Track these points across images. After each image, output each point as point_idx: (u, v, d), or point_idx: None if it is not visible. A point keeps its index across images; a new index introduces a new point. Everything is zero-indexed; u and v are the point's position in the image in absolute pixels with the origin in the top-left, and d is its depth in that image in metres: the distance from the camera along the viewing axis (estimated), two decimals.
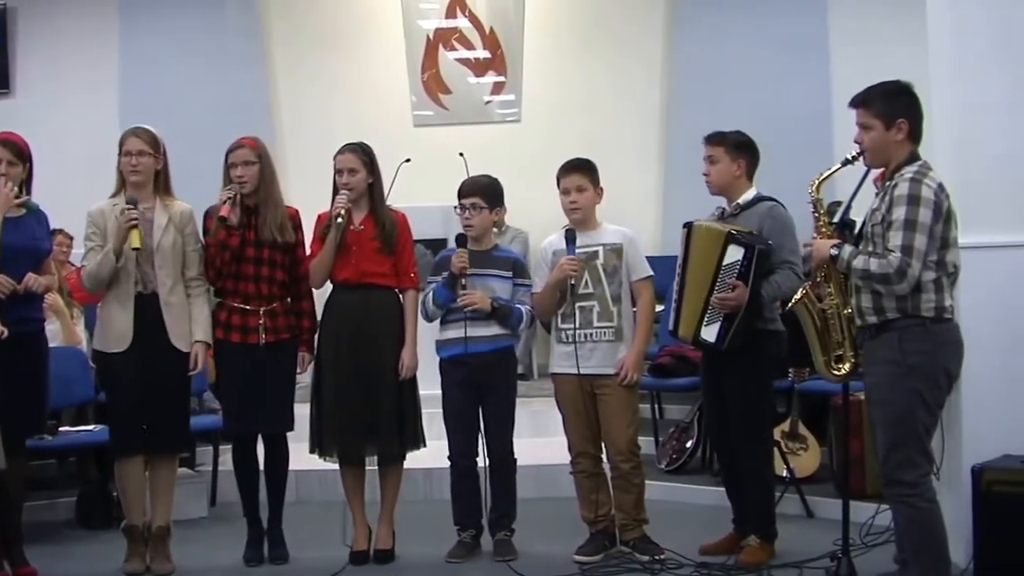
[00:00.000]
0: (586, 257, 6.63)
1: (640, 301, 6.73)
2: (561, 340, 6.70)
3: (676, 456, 8.52)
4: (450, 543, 6.84)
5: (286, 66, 12.99)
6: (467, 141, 10.94)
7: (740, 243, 6.19)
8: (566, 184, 6.71)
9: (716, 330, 6.29)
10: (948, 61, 6.45)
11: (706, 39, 12.33)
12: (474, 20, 13.01)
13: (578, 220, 6.69)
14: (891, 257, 5.14)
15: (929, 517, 5.32)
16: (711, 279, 6.27)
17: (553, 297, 6.67)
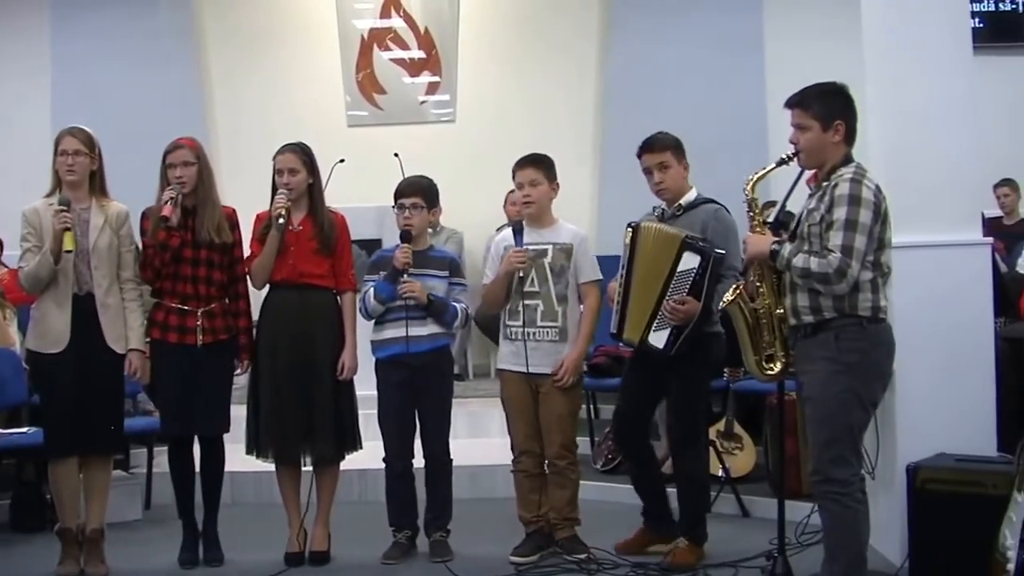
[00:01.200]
0: (535, 255, 6.63)
1: (586, 303, 6.72)
2: (508, 337, 6.72)
3: (612, 456, 8.53)
4: (385, 544, 6.83)
5: (220, 66, 12.94)
6: (402, 141, 10.94)
7: (696, 250, 6.18)
8: (520, 178, 6.72)
9: (665, 337, 6.28)
10: (883, 62, 6.51)
11: (641, 39, 12.38)
12: (409, 20, 13.01)
13: (531, 215, 6.70)
14: (831, 257, 5.17)
15: (855, 517, 5.36)
16: (663, 285, 6.26)
17: (503, 289, 6.67)
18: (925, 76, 6.37)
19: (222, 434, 6.78)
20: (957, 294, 6.31)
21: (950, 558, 5.79)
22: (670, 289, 6.23)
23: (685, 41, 12.28)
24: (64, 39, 12.37)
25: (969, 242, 6.41)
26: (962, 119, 6.40)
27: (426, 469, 6.87)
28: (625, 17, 12.53)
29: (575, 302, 6.71)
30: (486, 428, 7.51)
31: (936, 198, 6.31)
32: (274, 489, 6.91)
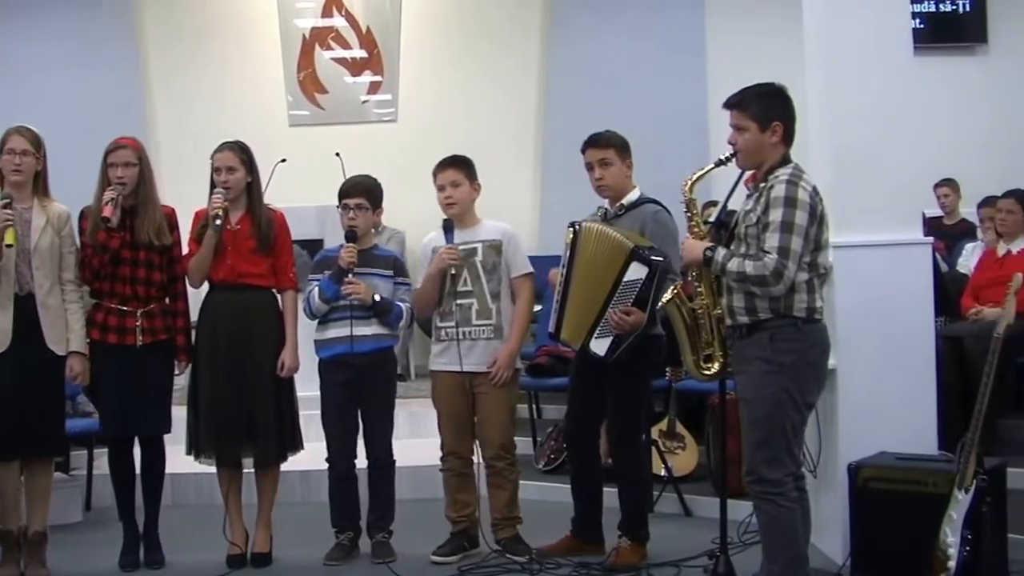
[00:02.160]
0: (465, 254, 6.62)
1: (519, 299, 6.72)
2: (440, 338, 6.70)
3: (554, 456, 8.52)
4: (328, 545, 6.80)
5: (161, 66, 12.86)
6: (343, 141, 10.89)
7: (644, 261, 6.13)
8: (441, 180, 6.70)
9: (606, 345, 6.26)
10: (824, 63, 6.55)
11: (582, 38, 12.44)
12: (351, 19, 12.98)
13: (455, 215, 6.68)
14: (767, 259, 5.18)
15: (790, 517, 5.37)
16: (608, 293, 6.22)
17: (434, 290, 6.66)
18: (866, 76, 6.41)
19: (162, 435, 6.74)
20: (898, 294, 6.35)
21: (892, 556, 5.82)
22: (615, 298, 6.19)
23: (627, 40, 12.34)
24: (5, 40, 12.30)
25: (910, 242, 6.46)
26: (903, 119, 6.44)
27: (369, 470, 6.85)
28: (567, 17, 12.58)
29: (508, 299, 6.71)
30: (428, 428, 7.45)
31: (877, 198, 6.35)
32: (215, 490, 6.87)
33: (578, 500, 6.79)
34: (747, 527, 6.49)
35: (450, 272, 6.58)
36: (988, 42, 13.36)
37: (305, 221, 9.10)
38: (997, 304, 7.09)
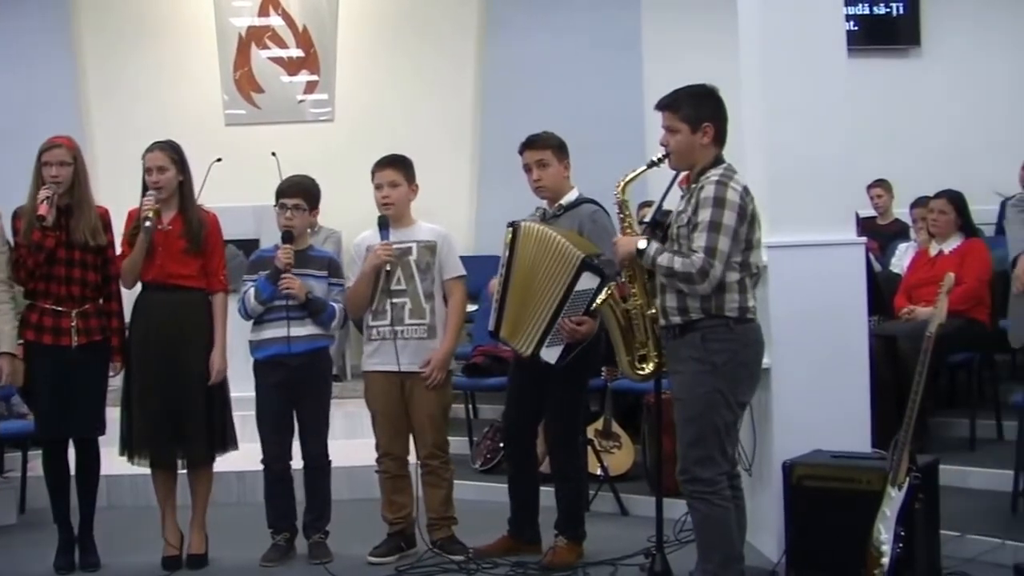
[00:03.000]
0: (399, 253, 6.62)
1: (451, 300, 6.72)
2: (372, 337, 6.69)
3: (490, 456, 8.53)
4: (264, 546, 6.78)
5: (96, 64, 12.76)
6: (280, 140, 10.88)
7: (595, 271, 6.12)
8: (379, 179, 6.70)
9: (557, 353, 6.26)
10: (759, 64, 6.58)
11: (519, 38, 12.46)
12: (287, 18, 12.92)
13: (391, 215, 6.67)
14: (694, 257, 5.21)
15: (724, 515, 5.40)
16: (560, 301, 6.21)
17: (368, 288, 6.65)
18: (800, 77, 6.45)
19: (97, 436, 6.68)
20: (832, 293, 6.40)
21: (826, 553, 5.85)
22: (566, 308, 6.19)
23: (563, 39, 12.38)
24: None
25: (843, 242, 6.51)
26: (837, 120, 6.49)
27: (305, 470, 6.84)
28: (503, 16, 12.60)
29: (442, 300, 6.72)
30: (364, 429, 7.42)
31: (811, 198, 6.39)
32: (151, 492, 6.83)
33: (515, 500, 6.80)
34: (683, 526, 6.51)
35: (384, 269, 6.57)
36: (921, 45, 13.48)
37: (241, 221, 9.07)
38: (930, 303, 7.15)
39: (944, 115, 12.92)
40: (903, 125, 12.79)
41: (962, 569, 6.02)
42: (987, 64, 13.00)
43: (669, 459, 6.29)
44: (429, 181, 7.14)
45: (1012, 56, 12.82)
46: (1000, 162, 11.49)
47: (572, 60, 12.33)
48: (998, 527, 6.34)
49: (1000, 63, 12.91)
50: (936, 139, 12.71)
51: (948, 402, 8.82)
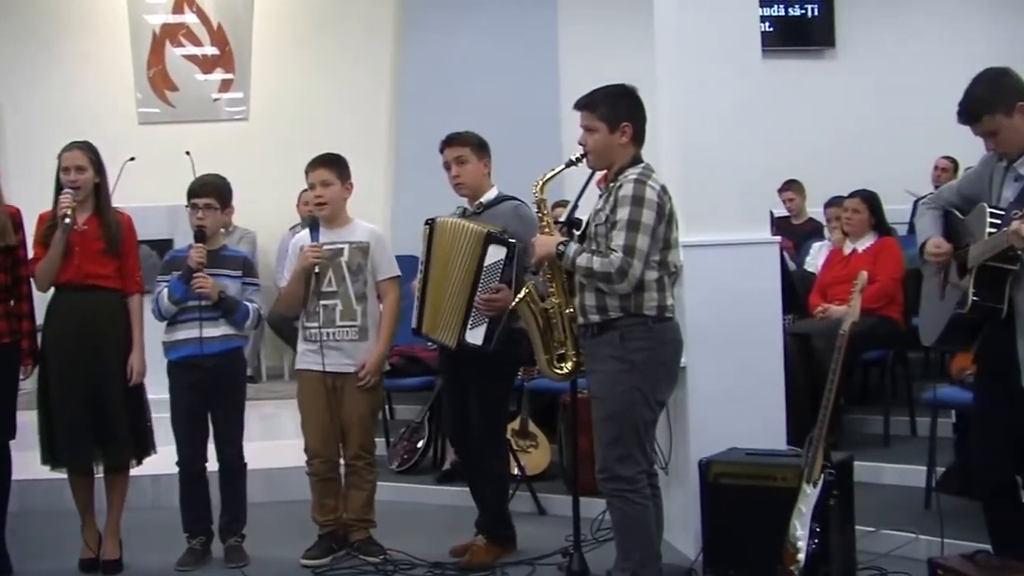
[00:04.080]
0: (331, 254, 6.59)
1: (385, 302, 6.72)
2: (306, 338, 6.66)
3: (407, 457, 8.50)
4: (180, 551, 6.71)
5: (5, 61, 12.55)
6: (194, 139, 10.80)
7: (500, 242, 6.19)
8: (313, 178, 6.67)
9: (482, 333, 6.26)
10: (675, 64, 6.60)
11: (436, 37, 12.45)
12: (202, 16, 12.82)
13: (325, 215, 6.64)
14: (613, 256, 5.21)
15: (643, 514, 5.42)
16: (472, 281, 6.24)
17: (299, 289, 6.61)
18: (716, 78, 6.48)
19: (7, 440, 6.57)
20: (747, 292, 6.44)
21: (743, 550, 5.90)
22: (480, 284, 6.22)
23: (480, 40, 12.39)
24: None
25: (758, 241, 6.55)
26: (751, 121, 6.52)
27: (220, 473, 6.78)
28: (420, 15, 12.58)
29: (374, 301, 6.70)
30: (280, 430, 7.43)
31: (726, 197, 6.43)
32: (65, 496, 6.74)
33: (480, 501, 6.78)
34: (600, 524, 6.55)
35: (314, 271, 6.54)
36: (836, 46, 13.62)
37: (154, 221, 8.97)
38: (843, 302, 7.18)
39: (858, 115, 13.06)
40: (818, 125, 12.90)
41: (877, 564, 6.08)
42: (900, 65, 13.15)
43: (586, 458, 6.30)
44: None
45: (925, 57, 12.97)
46: (913, 162, 11.63)
47: (489, 59, 12.33)
48: (912, 522, 6.39)
49: (913, 64, 13.06)
50: (850, 139, 12.85)
51: (862, 399, 8.91)
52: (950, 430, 7.12)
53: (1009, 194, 4.90)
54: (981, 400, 5.21)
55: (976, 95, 4.89)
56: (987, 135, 4.93)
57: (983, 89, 4.89)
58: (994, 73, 4.95)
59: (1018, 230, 4.40)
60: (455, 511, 6.89)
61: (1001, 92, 4.86)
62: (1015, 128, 4.85)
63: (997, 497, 5.12)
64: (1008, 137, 4.87)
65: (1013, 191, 4.89)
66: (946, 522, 5.68)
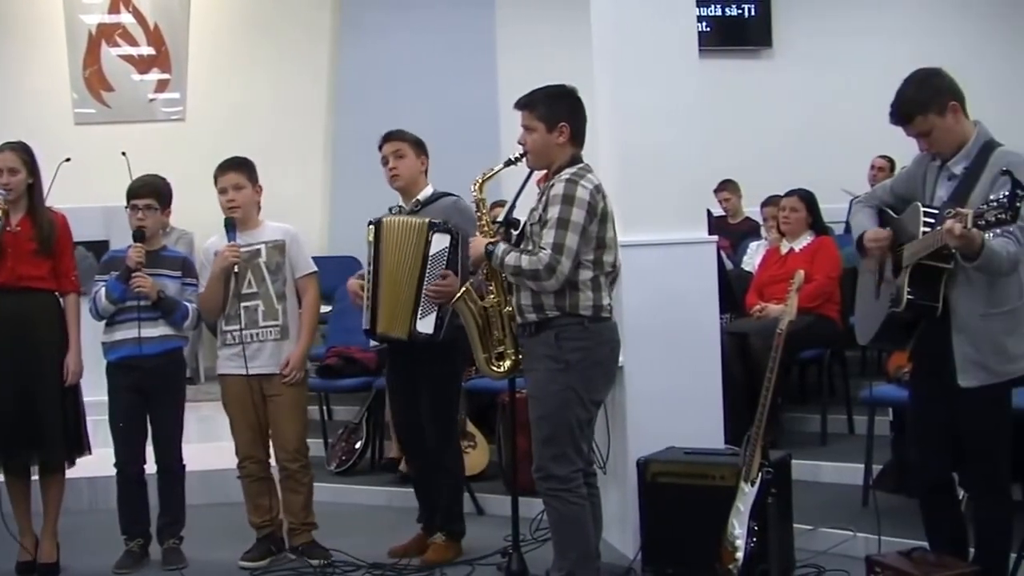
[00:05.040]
0: (249, 255, 6.56)
1: (305, 298, 6.69)
2: (227, 341, 6.62)
3: (346, 457, 8.49)
4: (117, 553, 6.66)
5: None
6: (130, 140, 10.73)
7: (443, 231, 6.22)
8: (223, 183, 6.63)
9: (432, 321, 6.28)
10: (612, 64, 6.61)
11: (374, 37, 12.45)
12: (138, 16, 12.74)
13: (238, 219, 6.61)
14: (541, 254, 5.23)
15: (579, 513, 5.43)
16: (419, 271, 6.27)
17: (219, 291, 6.57)
18: (653, 77, 6.50)
19: None
20: (684, 291, 6.47)
21: (681, 548, 5.93)
22: (427, 273, 6.25)
23: (418, 39, 12.39)
24: None
25: (695, 240, 6.58)
26: (688, 120, 6.55)
27: (158, 475, 6.74)
28: (358, 15, 12.59)
29: (294, 299, 6.68)
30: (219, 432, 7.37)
31: (663, 197, 6.45)
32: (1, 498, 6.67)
33: (422, 498, 6.81)
34: (539, 524, 6.54)
35: (233, 272, 6.51)
36: (773, 46, 13.70)
37: (90, 222, 8.91)
38: (781, 301, 7.22)
39: (795, 115, 13.15)
40: (755, 125, 13.00)
41: (815, 562, 6.11)
42: (837, 65, 13.26)
43: (524, 458, 6.31)
44: (281, 182, 7.13)
45: (860, 57, 13.07)
46: (849, 161, 11.70)
47: (427, 60, 12.33)
48: (849, 520, 6.43)
49: (849, 64, 13.16)
50: (787, 138, 12.94)
51: (800, 398, 8.97)
52: (887, 428, 7.19)
53: (943, 193, 4.93)
54: (917, 398, 5.25)
55: (908, 96, 4.92)
56: (920, 136, 4.96)
57: (915, 90, 4.91)
58: (926, 74, 4.98)
59: (951, 229, 4.43)
60: (395, 511, 6.87)
61: (933, 92, 4.89)
62: (948, 128, 4.88)
63: (934, 494, 5.15)
64: (941, 137, 4.90)
65: (947, 190, 4.92)
66: (883, 519, 5.71)
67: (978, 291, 4.76)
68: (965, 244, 4.49)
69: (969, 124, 4.93)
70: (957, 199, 4.81)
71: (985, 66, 12.83)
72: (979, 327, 4.78)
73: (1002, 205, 4.30)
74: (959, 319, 4.81)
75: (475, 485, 7.69)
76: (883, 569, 5.05)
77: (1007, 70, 13.56)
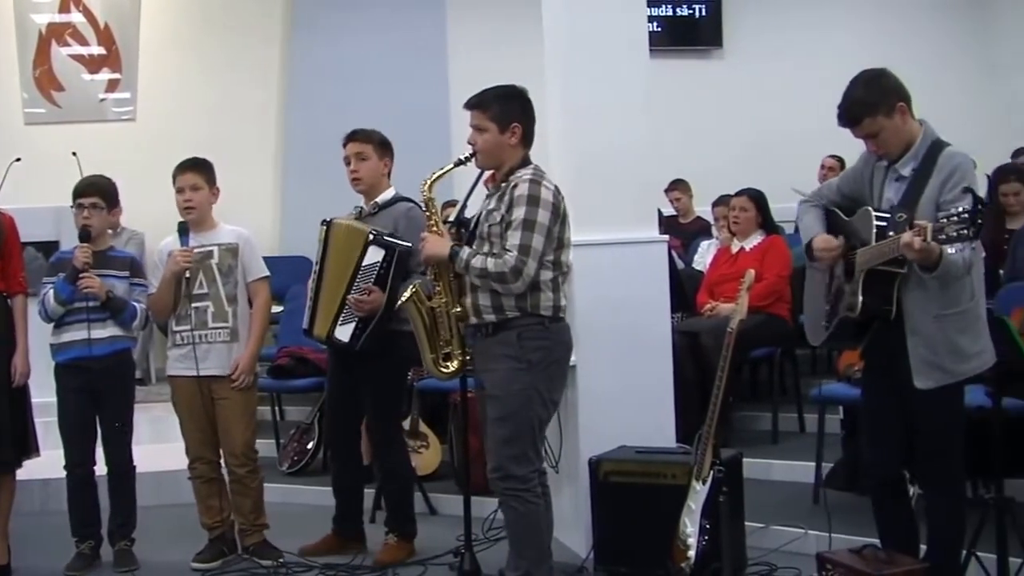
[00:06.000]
0: (201, 256, 6.55)
1: (256, 302, 6.69)
2: (177, 342, 6.60)
3: (298, 458, 8.49)
4: (69, 555, 6.63)
5: None
6: (81, 140, 10.67)
7: (381, 244, 6.22)
8: (181, 183, 6.61)
9: (351, 330, 6.31)
10: (562, 64, 6.63)
11: (326, 38, 12.40)
12: (88, 15, 12.64)
13: (193, 219, 6.59)
14: (507, 256, 5.24)
15: (536, 512, 5.45)
16: (349, 279, 6.29)
17: (169, 293, 6.56)
18: (603, 78, 6.51)
19: None
20: (636, 291, 6.49)
21: (634, 547, 5.95)
22: (356, 282, 6.27)
23: (370, 40, 12.36)
24: None
25: (646, 240, 6.60)
26: (639, 120, 6.57)
27: (109, 476, 6.71)
28: (310, 15, 12.53)
29: (244, 303, 6.67)
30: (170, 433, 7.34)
31: (614, 197, 6.46)
32: None
33: (340, 498, 6.81)
34: (492, 524, 6.56)
35: (184, 275, 6.49)
36: (724, 46, 13.74)
37: (40, 222, 8.86)
38: (731, 300, 7.26)
39: (746, 115, 13.18)
40: (706, 125, 13.03)
41: (767, 559, 6.14)
42: (787, 64, 13.29)
43: (476, 457, 6.32)
44: (233, 182, 7.09)
45: (811, 57, 13.10)
46: (800, 161, 11.74)
47: (378, 60, 12.30)
48: (801, 517, 6.48)
49: (800, 63, 13.19)
50: (738, 138, 12.96)
51: (751, 396, 9.01)
52: (838, 426, 7.23)
53: (891, 195, 4.95)
54: (869, 396, 5.27)
55: (855, 97, 4.92)
56: (868, 137, 4.97)
57: (862, 92, 4.92)
58: (872, 75, 4.98)
59: (911, 243, 4.44)
60: None
61: (880, 93, 4.89)
62: (895, 129, 4.89)
63: (885, 491, 5.18)
64: (888, 139, 4.91)
65: (895, 191, 4.94)
66: (834, 517, 5.76)
67: (931, 294, 4.78)
68: (924, 257, 4.52)
69: (916, 124, 4.95)
70: (906, 202, 4.83)
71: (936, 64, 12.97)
72: (933, 329, 4.80)
73: (963, 221, 4.31)
74: (913, 321, 4.82)
75: (428, 485, 7.71)
76: (834, 566, 5.08)
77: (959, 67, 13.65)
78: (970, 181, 4.71)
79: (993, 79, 13.68)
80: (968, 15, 14.06)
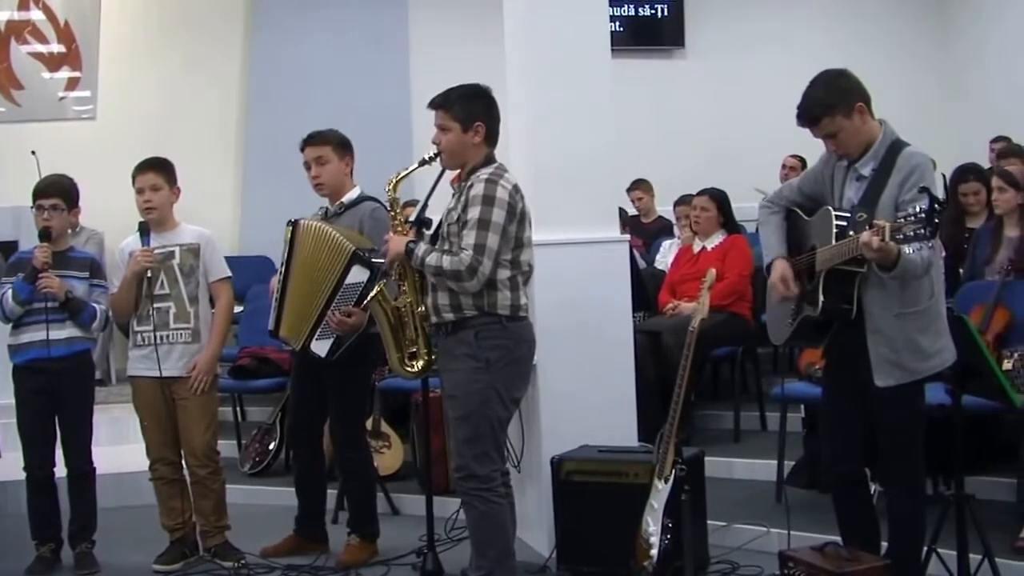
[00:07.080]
0: (163, 257, 6.52)
1: (218, 303, 6.67)
2: (138, 343, 6.57)
3: (259, 459, 8.47)
4: (29, 559, 6.60)
5: None
6: (40, 139, 10.61)
7: (366, 265, 6.16)
8: (141, 183, 6.57)
9: (327, 346, 6.28)
10: (524, 63, 6.63)
11: (287, 37, 12.37)
12: (48, 13, 12.55)
13: (154, 220, 6.56)
14: (463, 255, 5.24)
15: (499, 512, 5.45)
16: (329, 294, 6.24)
17: (130, 294, 6.52)
18: (565, 78, 6.51)
19: None
20: (597, 290, 6.50)
21: (596, 546, 5.95)
22: (336, 300, 6.22)
23: (331, 39, 12.35)
24: None
25: (608, 239, 6.61)
26: (601, 120, 6.58)
27: (68, 478, 6.67)
28: (270, 15, 12.49)
29: (206, 303, 6.65)
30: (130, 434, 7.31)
31: (575, 196, 6.47)
32: None
33: (302, 499, 6.80)
34: (454, 523, 6.55)
35: (146, 275, 6.46)
36: (686, 46, 13.76)
37: None
38: (693, 299, 7.29)
39: (708, 114, 13.22)
40: (668, 124, 13.07)
41: (729, 558, 6.16)
42: (749, 64, 13.33)
43: (438, 457, 6.34)
44: (194, 181, 7.06)
45: (772, 57, 13.14)
46: (761, 160, 11.78)
47: (340, 59, 12.28)
48: (763, 516, 6.50)
49: (761, 63, 13.23)
50: (700, 138, 13.01)
51: (712, 395, 9.04)
52: (799, 425, 7.26)
53: (852, 195, 4.96)
54: (830, 394, 5.28)
55: (815, 98, 4.93)
56: (827, 137, 4.98)
57: (822, 92, 4.93)
58: (831, 75, 4.99)
59: (869, 243, 4.46)
60: None
61: (840, 93, 4.90)
62: (855, 129, 4.91)
63: (846, 489, 5.20)
64: (848, 139, 4.92)
65: (855, 191, 4.95)
66: (796, 515, 5.76)
67: (891, 292, 4.80)
68: (882, 256, 4.53)
69: (875, 124, 4.96)
70: (866, 201, 4.85)
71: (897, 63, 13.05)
72: (893, 327, 4.81)
73: (920, 220, 4.33)
74: (873, 320, 4.84)
75: (390, 485, 7.70)
76: (796, 564, 5.09)
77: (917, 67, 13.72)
78: (928, 181, 4.73)
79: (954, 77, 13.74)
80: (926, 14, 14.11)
